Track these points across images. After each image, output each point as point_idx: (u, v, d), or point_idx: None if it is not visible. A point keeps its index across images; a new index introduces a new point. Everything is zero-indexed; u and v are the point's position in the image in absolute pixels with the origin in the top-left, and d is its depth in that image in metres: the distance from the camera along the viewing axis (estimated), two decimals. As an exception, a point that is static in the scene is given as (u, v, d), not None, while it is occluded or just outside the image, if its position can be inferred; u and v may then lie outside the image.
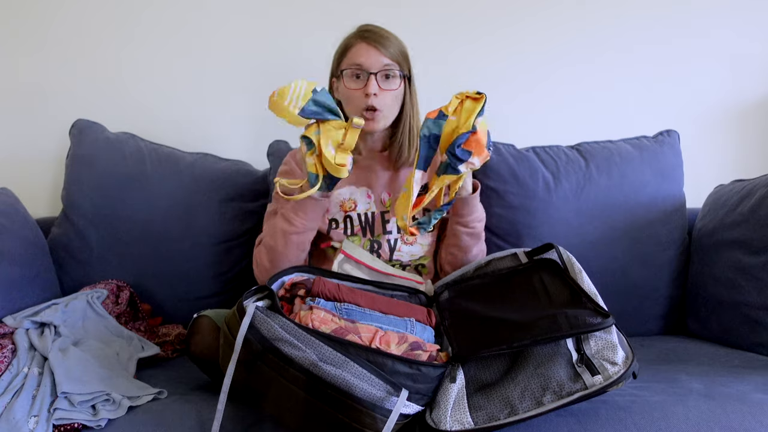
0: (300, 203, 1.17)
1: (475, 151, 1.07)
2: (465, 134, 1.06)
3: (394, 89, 1.27)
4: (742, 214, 1.37)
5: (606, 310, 0.94)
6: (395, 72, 1.27)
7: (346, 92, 1.29)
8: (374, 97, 1.24)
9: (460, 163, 1.07)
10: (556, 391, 0.89)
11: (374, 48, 1.26)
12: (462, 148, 1.06)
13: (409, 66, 1.32)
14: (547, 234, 1.50)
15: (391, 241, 1.32)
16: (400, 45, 1.30)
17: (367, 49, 1.26)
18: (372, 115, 1.26)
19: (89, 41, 1.77)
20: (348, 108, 1.30)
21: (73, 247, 1.54)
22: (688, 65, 1.79)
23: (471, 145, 1.06)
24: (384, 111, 1.27)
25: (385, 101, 1.27)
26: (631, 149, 1.58)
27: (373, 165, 1.37)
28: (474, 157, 1.07)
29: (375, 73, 1.25)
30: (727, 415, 0.95)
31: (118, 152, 1.59)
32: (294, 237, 1.20)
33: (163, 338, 1.41)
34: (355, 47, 1.28)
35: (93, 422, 0.96)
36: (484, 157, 1.09)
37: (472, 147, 1.07)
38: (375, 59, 1.25)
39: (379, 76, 1.25)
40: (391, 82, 1.27)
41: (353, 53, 1.27)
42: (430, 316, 1.07)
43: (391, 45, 1.28)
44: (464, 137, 1.06)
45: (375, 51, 1.25)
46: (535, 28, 1.79)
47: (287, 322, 0.89)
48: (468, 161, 1.07)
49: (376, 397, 0.86)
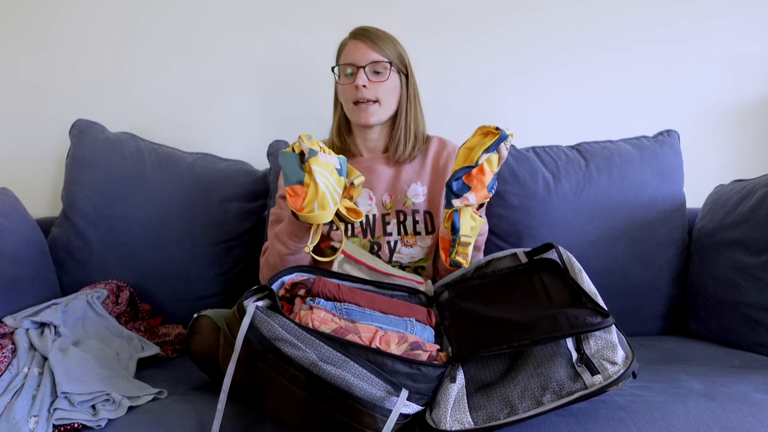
0: (295, 229, 1.16)
1: (475, 188, 1.02)
2: (467, 168, 1.01)
3: (384, 80, 1.29)
4: (742, 214, 1.37)
5: (606, 310, 0.94)
6: (385, 65, 1.29)
7: (339, 89, 1.33)
8: (364, 89, 1.28)
9: (454, 197, 1.02)
10: (555, 391, 0.89)
11: (363, 43, 1.30)
12: (462, 181, 1.01)
13: (406, 64, 1.34)
14: (547, 234, 1.50)
15: (390, 243, 1.32)
16: (392, 41, 1.33)
17: (356, 45, 1.30)
18: (363, 107, 1.30)
19: (89, 41, 1.77)
20: (343, 104, 1.34)
21: (73, 247, 1.54)
22: (688, 65, 1.79)
23: (472, 181, 1.01)
24: (378, 103, 1.30)
25: (377, 93, 1.29)
26: (631, 149, 1.58)
27: (374, 166, 1.37)
28: (471, 193, 1.02)
29: (363, 67, 1.28)
30: (727, 415, 0.95)
31: (118, 152, 1.59)
32: (290, 258, 1.22)
33: (163, 338, 1.41)
34: (347, 46, 1.32)
35: (93, 422, 0.96)
36: (483, 196, 1.03)
37: (472, 183, 1.01)
38: (363, 54, 1.29)
39: (368, 70, 1.28)
40: (382, 74, 1.30)
41: (345, 52, 1.32)
42: (430, 316, 1.07)
43: (383, 42, 1.30)
44: (465, 171, 1.01)
45: (364, 46, 1.29)
46: (535, 29, 1.79)
47: (287, 322, 0.89)
48: (463, 196, 1.02)
49: (376, 396, 0.86)
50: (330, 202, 1.01)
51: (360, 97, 1.28)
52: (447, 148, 1.40)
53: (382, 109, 1.31)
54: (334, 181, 1.03)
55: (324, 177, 1.00)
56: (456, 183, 1.01)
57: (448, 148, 1.40)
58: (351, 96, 1.30)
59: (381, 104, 1.30)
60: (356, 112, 1.31)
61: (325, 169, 1.02)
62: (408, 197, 1.35)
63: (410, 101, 1.35)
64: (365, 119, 1.30)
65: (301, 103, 1.78)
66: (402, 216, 1.34)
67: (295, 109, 1.79)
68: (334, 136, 1.40)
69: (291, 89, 1.79)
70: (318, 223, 1.02)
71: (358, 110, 1.30)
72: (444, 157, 1.38)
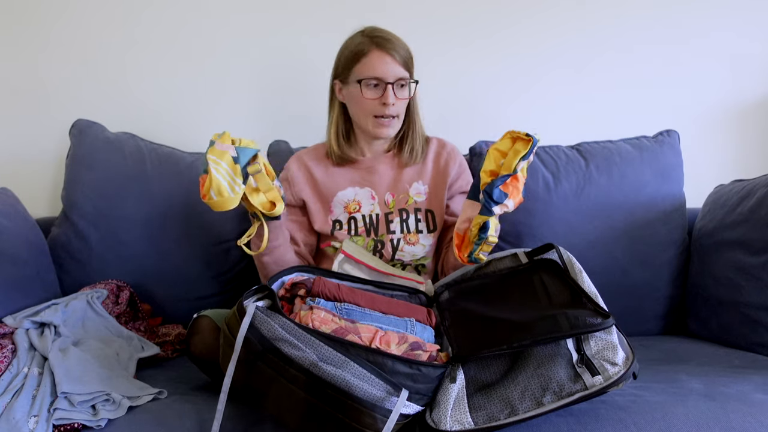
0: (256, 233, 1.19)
1: (511, 194, 1.05)
2: (505, 176, 1.03)
3: (408, 97, 1.30)
4: (742, 214, 1.37)
5: (606, 311, 0.94)
6: (407, 80, 1.29)
7: (360, 100, 1.29)
8: (392, 107, 1.27)
9: (494, 205, 1.05)
10: (556, 392, 0.89)
11: (390, 56, 1.27)
12: (500, 190, 1.04)
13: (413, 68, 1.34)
14: (547, 234, 1.50)
15: (394, 241, 1.32)
16: (407, 49, 1.32)
17: (383, 59, 1.27)
18: (387, 122, 1.29)
19: (90, 42, 1.77)
20: (359, 113, 1.32)
21: (73, 247, 1.54)
22: (688, 65, 1.79)
23: (508, 188, 1.04)
24: (398, 117, 1.31)
25: (398, 108, 1.30)
26: (631, 149, 1.58)
27: (376, 166, 1.37)
28: (509, 200, 1.05)
29: (392, 83, 1.26)
30: (727, 415, 0.95)
31: (118, 152, 1.59)
32: (265, 258, 1.25)
33: (163, 338, 1.41)
34: (369, 55, 1.27)
35: (93, 422, 0.96)
36: (519, 201, 1.07)
37: (509, 190, 1.04)
38: (391, 69, 1.27)
39: (396, 86, 1.27)
40: (405, 90, 1.30)
41: (369, 62, 1.27)
42: (430, 316, 1.07)
43: (402, 50, 1.29)
44: (503, 179, 1.03)
45: (391, 60, 1.27)
46: (534, 29, 1.79)
47: (287, 322, 0.89)
48: (503, 204, 1.05)
49: (376, 397, 0.87)
50: (227, 189, 1.03)
51: (386, 113, 1.28)
52: (446, 148, 1.41)
53: (399, 121, 1.33)
54: (228, 168, 1.04)
55: (216, 164, 1.03)
56: (496, 191, 1.03)
57: (447, 149, 1.41)
58: (374, 110, 1.28)
59: (399, 118, 1.32)
60: (377, 126, 1.30)
61: (219, 157, 1.04)
62: (410, 195, 1.36)
63: (416, 107, 1.36)
64: (386, 134, 1.31)
65: (301, 103, 1.78)
66: (405, 214, 1.34)
67: (296, 110, 1.79)
68: (332, 140, 1.37)
69: (291, 89, 1.79)
70: (221, 209, 1.04)
71: (379, 124, 1.30)
72: (444, 158, 1.39)
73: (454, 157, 1.40)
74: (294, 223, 1.37)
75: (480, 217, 1.06)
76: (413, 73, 1.33)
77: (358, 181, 1.36)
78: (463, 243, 1.12)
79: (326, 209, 1.35)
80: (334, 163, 1.38)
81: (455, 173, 1.38)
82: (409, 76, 1.30)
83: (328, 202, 1.36)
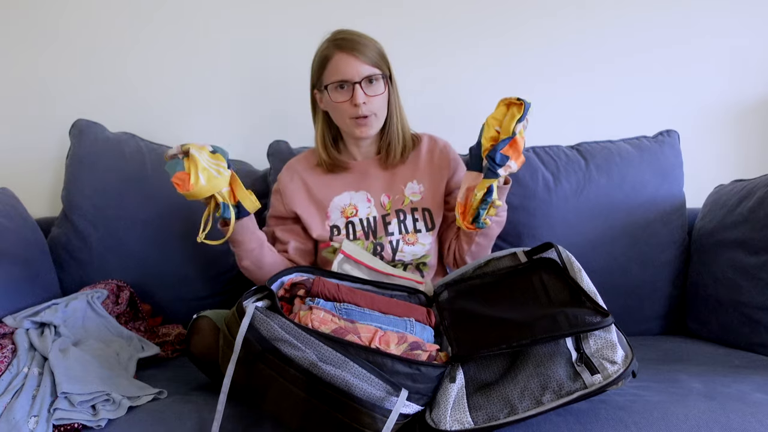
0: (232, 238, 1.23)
1: (513, 156, 1.11)
2: (506, 140, 1.10)
3: (381, 93, 1.28)
4: (742, 215, 1.37)
5: (605, 309, 0.93)
6: (377, 76, 1.27)
7: (333, 105, 1.29)
8: (363, 106, 1.26)
9: (498, 167, 1.11)
10: (555, 391, 0.89)
11: (353, 57, 1.25)
12: (501, 153, 1.10)
13: (388, 65, 1.32)
14: (547, 234, 1.50)
15: (393, 242, 1.32)
16: (375, 46, 1.29)
17: (345, 60, 1.25)
18: (364, 122, 1.28)
19: (90, 42, 1.77)
20: (338, 118, 1.32)
21: (73, 247, 1.54)
22: (687, 65, 1.79)
23: (508, 151, 1.11)
24: (375, 115, 1.29)
25: (374, 106, 1.28)
26: (631, 149, 1.58)
27: (368, 169, 1.37)
28: (512, 161, 1.11)
29: (359, 82, 1.25)
30: (727, 415, 0.95)
31: (118, 152, 1.59)
32: (244, 263, 1.29)
33: (163, 338, 1.41)
34: (333, 59, 1.27)
35: (93, 422, 0.96)
36: (521, 162, 1.13)
37: (511, 152, 1.11)
38: (356, 68, 1.25)
39: (363, 84, 1.26)
40: (376, 86, 1.28)
41: (333, 66, 1.27)
42: (430, 315, 1.07)
43: (368, 49, 1.27)
44: (504, 143, 1.10)
45: (354, 60, 1.25)
46: (535, 30, 1.78)
47: (287, 322, 0.89)
48: (506, 165, 1.11)
49: (376, 397, 0.87)
50: (213, 172, 1.10)
51: (360, 113, 1.26)
52: (439, 144, 1.41)
53: (378, 119, 1.31)
54: (208, 157, 1.12)
55: (198, 151, 1.11)
56: (499, 155, 1.10)
57: (440, 145, 1.41)
58: (349, 113, 1.28)
59: (377, 115, 1.30)
60: (355, 127, 1.29)
61: (199, 149, 1.12)
62: (406, 196, 1.36)
63: (396, 103, 1.34)
64: (366, 133, 1.30)
65: (301, 103, 1.76)
66: (402, 215, 1.34)
67: (296, 110, 1.78)
68: (320, 149, 1.37)
69: (291, 89, 1.79)
70: (212, 192, 1.11)
71: (357, 125, 1.29)
72: (437, 154, 1.39)
73: (447, 152, 1.40)
74: (286, 232, 1.38)
75: (486, 181, 1.12)
76: (386, 68, 1.30)
77: (353, 185, 1.36)
78: (466, 210, 1.17)
79: (323, 215, 1.35)
80: (327, 171, 1.38)
81: (452, 168, 1.38)
82: (379, 72, 1.27)
83: (324, 209, 1.36)
